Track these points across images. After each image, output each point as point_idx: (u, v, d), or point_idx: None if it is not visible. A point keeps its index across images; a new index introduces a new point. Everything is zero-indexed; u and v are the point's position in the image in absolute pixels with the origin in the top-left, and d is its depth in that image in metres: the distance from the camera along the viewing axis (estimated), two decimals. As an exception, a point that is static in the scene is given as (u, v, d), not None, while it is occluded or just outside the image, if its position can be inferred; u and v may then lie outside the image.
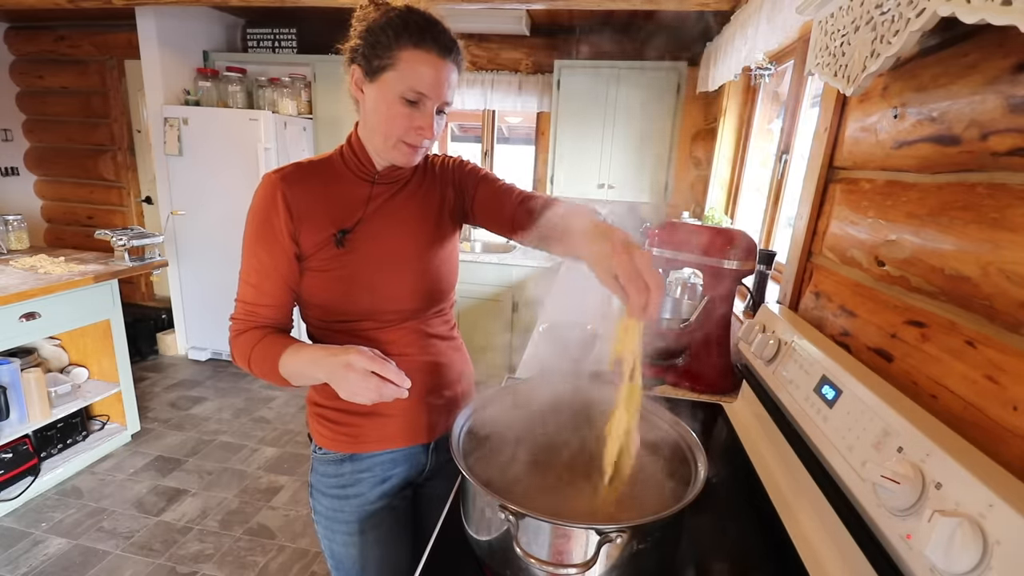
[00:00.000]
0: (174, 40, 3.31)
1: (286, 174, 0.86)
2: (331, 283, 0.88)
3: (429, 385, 0.98)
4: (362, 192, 0.90)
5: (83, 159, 4.09)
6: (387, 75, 0.80)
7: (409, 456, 0.99)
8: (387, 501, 0.99)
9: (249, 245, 0.86)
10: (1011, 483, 0.52)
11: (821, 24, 0.93)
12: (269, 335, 0.86)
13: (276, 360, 0.82)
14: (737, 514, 0.90)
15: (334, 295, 0.88)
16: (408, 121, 0.82)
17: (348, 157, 0.91)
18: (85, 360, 2.55)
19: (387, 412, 0.94)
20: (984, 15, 0.50)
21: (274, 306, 0.88)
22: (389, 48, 0.79)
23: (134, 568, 1.86)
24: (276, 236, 0.85)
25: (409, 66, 0.79)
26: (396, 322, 0.93)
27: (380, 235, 0.90)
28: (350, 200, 0.89)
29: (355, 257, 0.88)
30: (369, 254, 0.89)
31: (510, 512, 0.62)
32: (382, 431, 0.95)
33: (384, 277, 0.90)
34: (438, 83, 0.81)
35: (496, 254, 3.30)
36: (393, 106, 0.81)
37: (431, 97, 0.81)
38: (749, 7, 1.84)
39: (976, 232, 0.67)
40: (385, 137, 0.84)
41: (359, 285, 0.88)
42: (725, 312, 1.30)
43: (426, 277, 0.95)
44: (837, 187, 1.07)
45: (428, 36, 0.79)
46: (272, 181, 0.85)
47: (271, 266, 0.86)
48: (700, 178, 3.05)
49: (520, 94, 3.45)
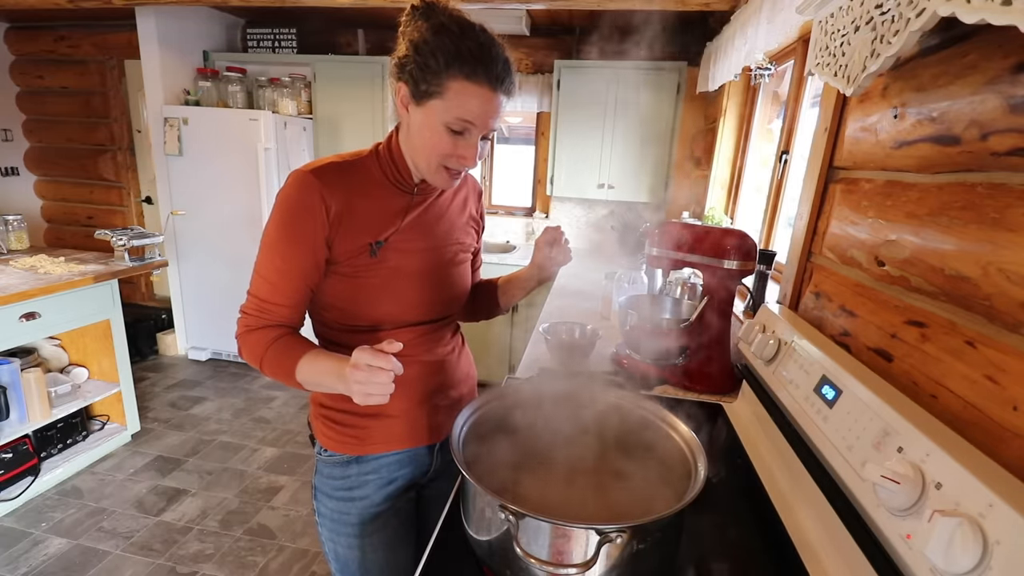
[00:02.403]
0: (174, 40, 3.31)
1: (324, 173, 0.82)
2: (356, 289, 0.87)
3: (433, 386, 0.98)
4: (400, 203, 0.89)
5: (83, 159, 4.09)
6: (434, 102, 0.78)
7: (414, 457, 0.99)
8: (392, 503, 0.99)
9: (273, 241, 0.82)
10: (1011, 483, 0.52)
11: (821, 24, 0.93)
12: (285, 336, 0.84)
13: (294, 366, 0.80)
14: (737, 514, 0.90)
15: (356, 301, 0.88)
16: (452, 149, 0.80)
17: (386, 164, 0.89)
18: (85, 360, 2.54)
19: (392, 413, 0.93)
20: (984, 15, 0.50)
21: (289, 306, 0.85)
22: (439, 75, 0.75)
23: (134, 568, 1.86)
24: (308, 237, 0.81)
25: (458, 98, 0.76)
26: (407, 327, 0.93)
27: (411, 247, 0.90)
28: (388, 210, 0.88)
29: (385, 267, 0.87)
30: (399, 265, 0.88)
31: (510, 512, 0.62)
32: (388, 432, 0.94)
33: (409, 287, 0.90)
34: (486, 115, 0.78)
35: (496, 254, 3.30)
36: (438, 133, 0.79)
37: (478, 127, 0.79)
38: (749, 7, 1.84)
39: (976, 232, 0.67)
40: (427, 161, 0.83)
41: (384, 293, 0.88)
42: (725, 312, 1.30)
43: (446, 288, 0.96)
44: (837, 187, 1.07)
45: (480, 68, 0.75)
46: (310, 181, 0.81)
47: (295, 266, 0.82)
48: (700, 178, 3.04)
49: (520, 94, 3.45)
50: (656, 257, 1.41)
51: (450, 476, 1.01)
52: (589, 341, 1.45)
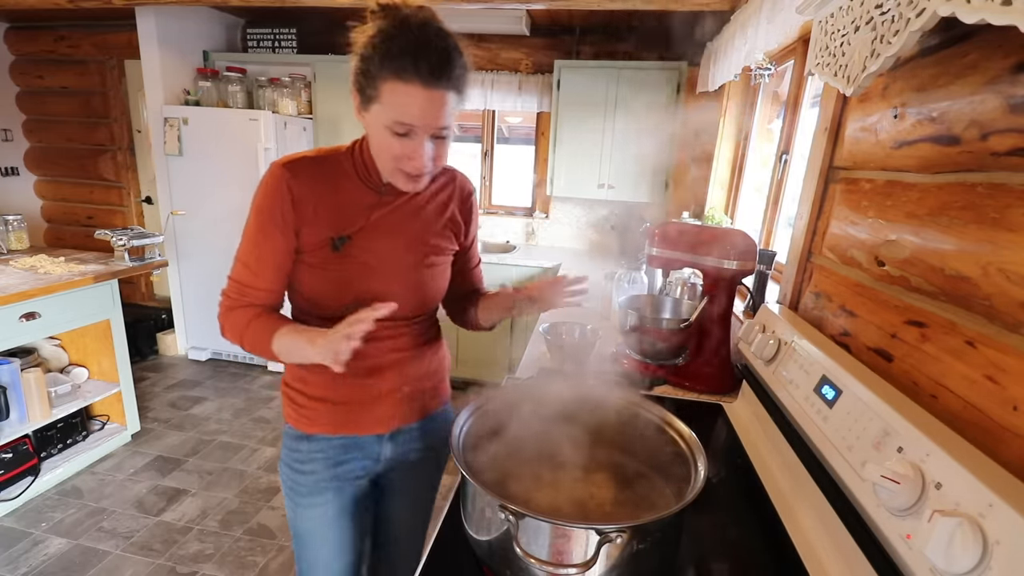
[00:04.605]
0: (174, 40, 3.31)
1: (294, 166, 0.86)
2: (323, 281, 0.90)
3: (388, 381, 0.99)
4: (368, 200, 0.90)
5: (83, 159, 4.09)
6: (375, 107, 0.78)
7: (361, 445, 1.01)
8: (339, 484, 1.02)
9: (251, 230, 0.87)
10: (1011, 483, 0.52)
11: (821, 24, 0.93)
12: (264, 314, 0.89)
13: (271, 338, 0.85)
14: (737, 514, 0.90)
15: (323, 291, 0.90)
16: (400, 151, 0.80)
17: (358, 161, 0.90)
18: (85, 360, 2.54)
19: (337, 400, 0.97)
20: (984, 15, 0.50)
21: (266, 290, 0.90)
22: (374, 79, 0.75)
23: (134, 568, 1.86)
24: (277, 225, 0.85)
25: (392, 99, 0.75)
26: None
27: (376, 245, 0.91)
28: (354, 205, 0.89)
29: (349, 263, 0.89)
30: (364, 262, 0.90)
31: (510, 512, 0.62)
32: (332, 417, 0.98)
33: (373, 285, 0.91)
34: (425, 114, 0.76)
35: (496, 254, 3.30)
36: (384, 138, 0.79)
37: (420, 127, 0.77)
38: (749, 7, 1.84)
39: (976, 232, 0.67)
40: (382, 165, 0.85)
41: (348, 288, 0.90)
42: (725, 312, 1.30)
43: (413, 289, 0.96)
44: (837, 187, 1.07)
45: (411, 65, 0.73)
46: (279, 171, 0.85)
47: (267, 252, 0.87)
48: (700, 178, 3.04)
49: (520, 94, 3.45)
50: (656, 257, 1.41)
51: (406, 468, 1.07)
52: (589, 341, 1.45)
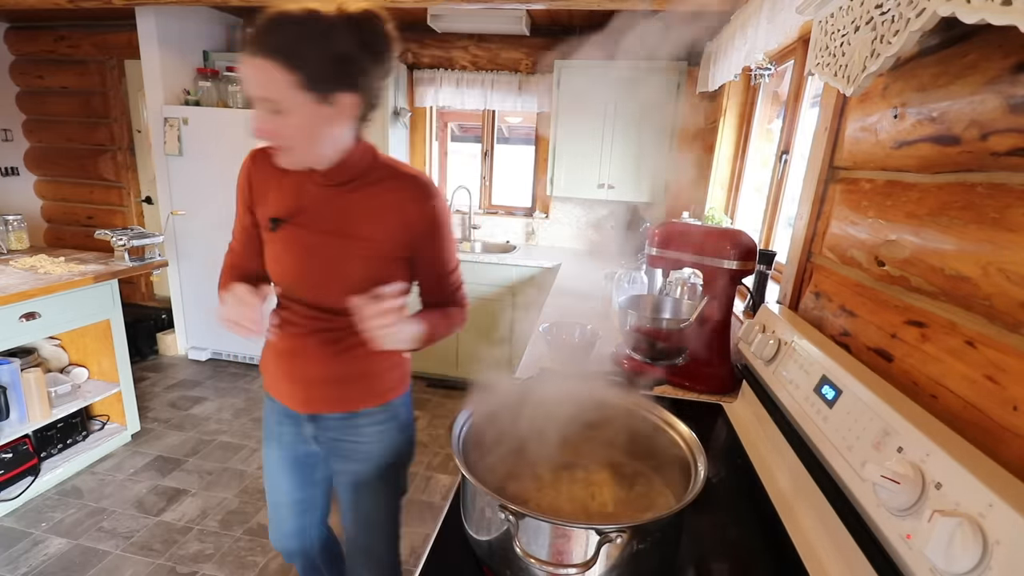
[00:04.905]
0: (174, 40, 3.31)
1: (257, 152, 1.01)
2: (268, 258, 1.02)
3: (303, 366, 1.04)
4: (308, 187, 0.97)
5: (83, 159, 4.09)
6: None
7: (292, 417, 1.10)
8: (279, 440, 1.14)
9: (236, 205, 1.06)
10: (1011, 483, 0.52)
11: (821, 24, 0.93)
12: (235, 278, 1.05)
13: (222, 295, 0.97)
14: (737, 514, 0.90)
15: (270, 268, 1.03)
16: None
17: None
18: (85, 360, 2.54)
19: (267, 369, 1.10)
20: (984, 15, 0.50)
21: (241, 254, 1.09)
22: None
23: (134, 568, 1.86)
24: (243, 203, 1.03)
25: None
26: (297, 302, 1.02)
27: (303, 231, 0.97)
28: (296, 191, 0.97)
29: (279, 244, 0.99)
30: (293, 240, 0.97)
31: (510, 512, 0.62)
32: (267, 380, 1.12)
33: (295, 264, 0.98)
34: (245, 81, 0.83)
35: (496, 254, 3.30)
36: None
37: (251, 97, 0.84)
38: (749, 7, 1.84)
39: (976, 232, 0.67)
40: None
41: (277, 264, 1.01)
42: (725, 312, 1.30)
43: (336, 277, 0.97)
44: (837, 187, 1.07)
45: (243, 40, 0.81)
46: (247, 158, 1.02)
47: (239, 226, 1.07)
48: (700, 178, 3.04)
49: (520, 94, 3.45)
50: (656, 257, 1.41)
51: (339, 458, 1.12)
52: (589, 341, 1.45)
